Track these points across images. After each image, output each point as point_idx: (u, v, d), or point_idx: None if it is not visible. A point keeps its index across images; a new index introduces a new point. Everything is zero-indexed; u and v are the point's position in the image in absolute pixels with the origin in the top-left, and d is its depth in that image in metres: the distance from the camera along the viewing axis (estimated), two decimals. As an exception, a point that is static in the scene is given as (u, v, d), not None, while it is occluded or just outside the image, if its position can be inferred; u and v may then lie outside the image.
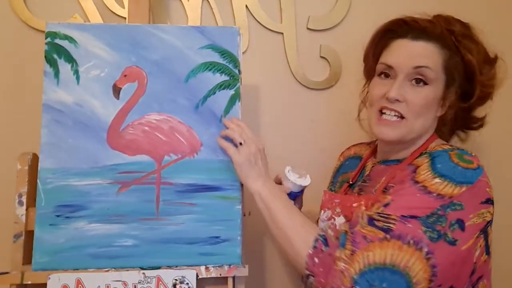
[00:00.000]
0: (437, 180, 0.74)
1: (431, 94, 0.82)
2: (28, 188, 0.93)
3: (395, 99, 0.81)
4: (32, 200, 0.93)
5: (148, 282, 0.89)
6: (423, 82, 0.81)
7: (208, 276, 0.90)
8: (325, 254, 0.75)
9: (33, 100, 1.03)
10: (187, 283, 0.89)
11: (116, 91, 0.96)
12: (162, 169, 0.95)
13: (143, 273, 0.89)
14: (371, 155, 0.98)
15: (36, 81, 0.99)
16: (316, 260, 0.75)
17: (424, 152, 0.83)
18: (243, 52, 1.16)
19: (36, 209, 0.92)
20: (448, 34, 0.84)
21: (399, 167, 0.84)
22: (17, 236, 0.92)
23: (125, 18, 1.14)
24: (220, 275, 0.90)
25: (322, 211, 0.94)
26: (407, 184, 0.77)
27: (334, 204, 0.89)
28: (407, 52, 0.83)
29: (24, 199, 0.93)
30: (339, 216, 0.87)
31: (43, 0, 1.17)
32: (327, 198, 0.93)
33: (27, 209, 0.93)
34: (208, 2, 1.20)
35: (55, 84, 0.95)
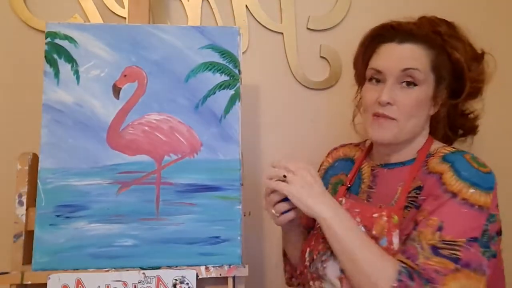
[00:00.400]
0: (471, 190, 0.74)
1: (422, 94, 0.83)
2: (28, 188, 0.93)
3: (386, 103, 0.82)
4: (32, 200, 0.93)
5: (148, 282, 0.89)
6: (412, 83, 0.82)
7: (208, 276, 0.90)
8: None
9: (33, 100, 1.03)
10: (187, 283, 0.89)
11: (116, 91, 0.96)
12: (162, 169, 0.95)
13: (143, 273, 0.89)
14: (364, 157, 0.97)
15: (36, 81, 0.99)
16: None
17: (429, 155, 0.84)
18: (243, 52, 1.16)
19: (36, 209, 0.92)
20: (434, 34, 0.85)
21: (408, 172, 0.84)
22: (17, 236, 0.92)
23: (125, 18, 1.14)
24: (220, 275, 0.90)
25: None
26: (444, 197, 0.75)
27: (354, 214, 0.85)
28: (395, 56, 0.84)
29: (24, 199, 0.93)
30: (359, 225, 0.84)
31: (43, 0, 1.17)
32: (348, 207, 0.88)
33: (27, 209, 0.93)
34: (208, 2, 1.20)
35: (55, 84, 0.95)
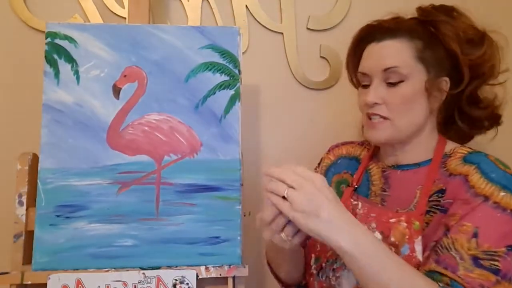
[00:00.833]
0: (502, 193, 0.71)
1: (409, 89, 0.79)
2: (28, 188, 0.93)
3: (373, 103, 0.81)
4: (32, 200, 0.93)
5: (148, 282, 0.89)
6: (398, 81, 0.80)
7: (208, 276, 0.90)
8: None
9: (33, 100, 1.03)
10: (187, 283, 0.89)
11: (116, 91, 0.96)
12: (162, 169, 0.95)
13: (143, 273, 0.89)
14: (370, 157, 0.93)
15: (36, 81, 0.98)
16: None
17: (446, 155, 0.80)
18: (243, 52, 1.16)
19: (36, 209, 0.92)
20: (421, 24, 0.83)
21: (425, 174, 0.80)
22: (17, 236, 0.92)
23: (125, 18, 1.14)
24: (220, 275, 0.90)
25: None
26: (475, 201, 0.71)
27: (369, 219, 0.81)
28: (375, 56, 0.82)
29: (24, 199, 0.93)
30: (374, 232, 0.79)
31: (43, 0, 1.16)
32: (365, 212, 0.83)
33: (27, 209, 0.93)
34: (208, 2, 1.20)
35: (55, 84, 0.95)
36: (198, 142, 0.96)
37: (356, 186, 0.90)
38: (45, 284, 0.87)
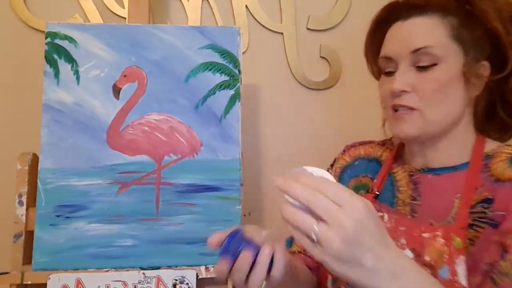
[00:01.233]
0: None
1: (444, 73, 0.67)
2: (28, 188, 0.93)
3: (400, 91, 0.68)
4: (32, 200, 0.93)
5: (148, 282, 0.89)
6: (430, 64, 0.67)
7: (208, 276, 0.90)
8: None
9: (33, 100, 1.03)
10: (187, 283, 0.89)
11: (116, 91, 0.96)
12: (162, 169, 0.95)
13: (143, 273, 0.89)
14: (393, 159, 0.80)
15: (36, 81, 0.98)
16: None
17: (487, 156, 0.68)
18: (243, 52, 1.16)
19: (36, 209, 0.92)
20: (451, 0, 0.70)
21: (464, 179, 0.68)
22: (17, 236, 0.92)
23: (125, 18, 1.14)
24: (220, 275, 0.90)
25: None
26: None
27: (398, 233, 0.68)
28: (401, 36, 0.70)
29: (24, 199, 0.93)
30: (404, 249, 0.66)
31: (43, 0, 1.16)
32: (392, 225, 0.70)
33: (27, 209, 0.93)
34: (208, 2, 1.20)
35: (55, 84, 0.95)
36: (198, 142, 0.96)
37: (377, 193, 0.77)
38: (45, 284, 0.87)
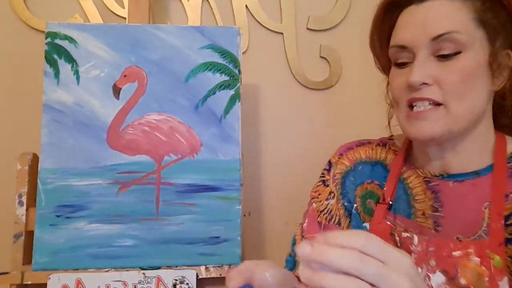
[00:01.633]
0: None
1: (470, 62, 0.58)
2: (28, 188, 0.93)
3: (420, 83, 0.59)
4: (32, 200, 0.93)
5: (148, 282, 0.89)
6: (454, 52, 0.59)
7: (208, 276, 0.90)
8: None
9: (33, 100, 1.03)
10: (187, 283, 0.89)
11: (116, 91, 0.96)
12: (162, 169, 0.95)
13: (143, 273, 0.89)
14: (402, 163, 0.70)
15: (36, 81, 0.98)
16: None
17: (511, 158, 0.62)
18: (243, 52, 1.16)
19: (36, 209, 0.92)
20: None
21: (490, 185, 0.61)
22: (17, 236, 0.92)
23: (125, 18, 1.14)
24: (220, 275, 0.91)
25: None
26: None
27: (428, 256, 0.59)
28: (418, 21, 0.60)
29: (24, 199, 0.93)
30: (434, 272, 0.58)
31: (43, 0, 1.16)
32: (423, 248, 0.60)
33: (27, 209, 0.93)
34: (208, 2, 1.20)
35: (55, 84, 0.95)
36: (198, 142, 0.96)
37: (391, 202, 0.68)
38: (45, 284, 0.87)
